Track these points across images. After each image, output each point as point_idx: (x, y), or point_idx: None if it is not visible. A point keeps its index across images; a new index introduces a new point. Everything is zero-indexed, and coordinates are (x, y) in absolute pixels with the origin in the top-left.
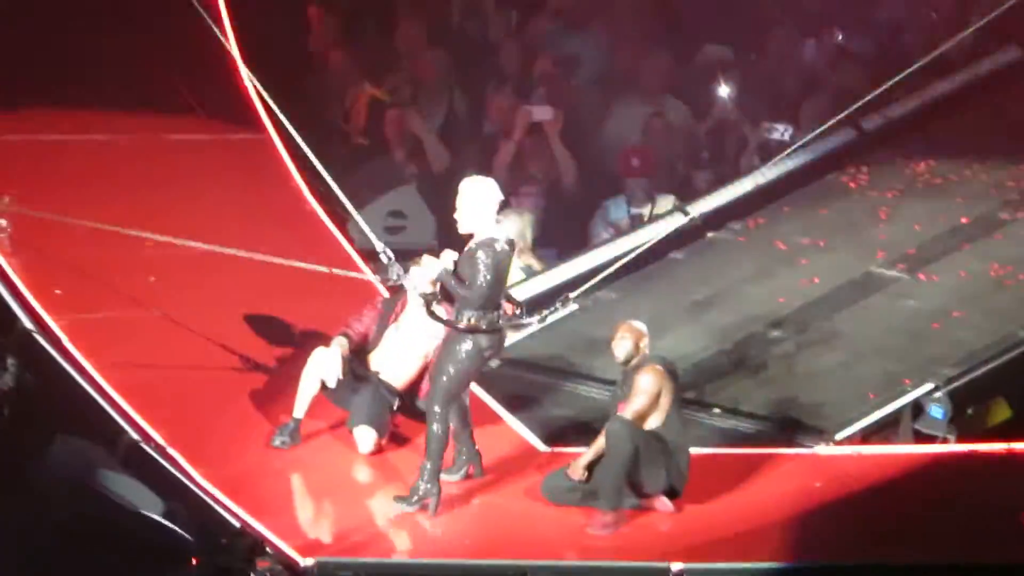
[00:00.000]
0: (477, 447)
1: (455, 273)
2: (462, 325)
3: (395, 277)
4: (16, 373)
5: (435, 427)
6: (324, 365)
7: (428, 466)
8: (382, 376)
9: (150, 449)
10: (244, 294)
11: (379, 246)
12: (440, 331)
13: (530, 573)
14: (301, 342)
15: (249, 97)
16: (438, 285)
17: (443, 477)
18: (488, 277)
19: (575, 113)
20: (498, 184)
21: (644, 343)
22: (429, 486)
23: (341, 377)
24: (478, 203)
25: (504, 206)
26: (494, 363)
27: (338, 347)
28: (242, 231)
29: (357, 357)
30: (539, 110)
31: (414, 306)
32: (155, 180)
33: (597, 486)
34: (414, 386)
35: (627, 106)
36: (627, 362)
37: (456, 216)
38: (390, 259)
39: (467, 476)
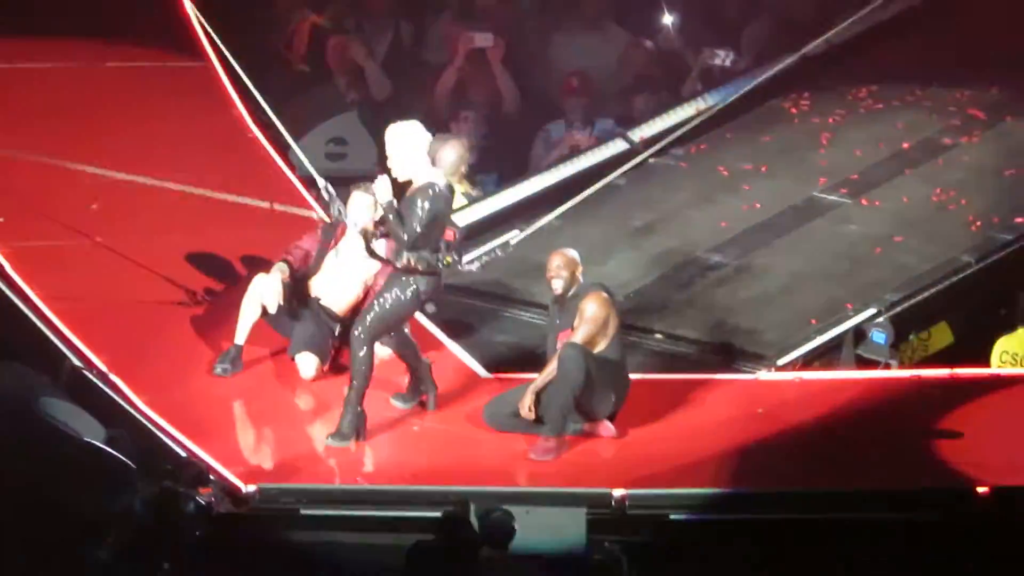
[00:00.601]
0: (434, 380)
1: (396, 214)
2: (399, 264)
3: (336, 213)
4: None
5: (360, 355)
6: (265, 291)
7: (352, 395)
8: (323, 302)
9: (92, 375)
10: (185, 221)
11: (320, 182)
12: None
13: (472, 499)
14: (242, 269)
15: (191, 23)
16: (377, 221)
17: (395, 404)
18: (424, 222)
19: (517, 40)
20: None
21: (579, 272)
22: (355, 412)
23: (282, 303)
24: (408, 147)
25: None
26: (430, 307)
27: (278, 273)
28: (184, 158)
29: (297, 283)
30: (480, 36)
31: (353, 234)
32: (96, 107)
33: (543, 411)
34: (355, 312)
35: (568, 32)
36: (564, 293)
37: (390, 164)
38: (331, 194)
39: (419, 404)
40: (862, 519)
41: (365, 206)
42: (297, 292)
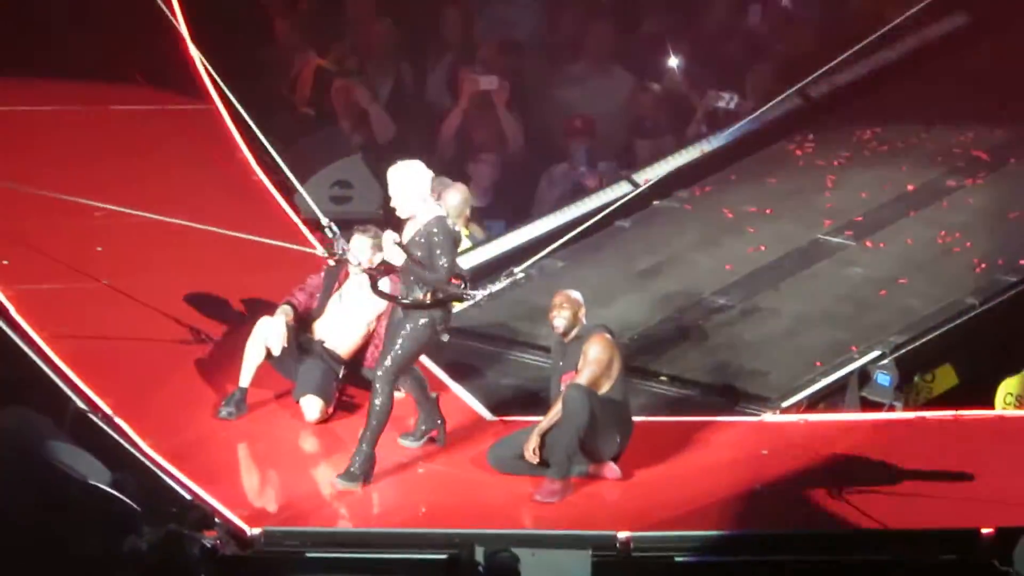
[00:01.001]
0: (442, 414)
1: (413, 256)
2: (407, 301)
3: (339, 252)
4: None
5: (379, 398)
6: (269, 334)
7: (367, 434)
8: (327, 345)
9: (97, 419)
10: (190, 265)
11: (324, 220)
12: (383, 301)
13: (477, 542)
14: (246, 312)
15: (195, 67)
16: (380, 262)
17: (404, 443)
18: (448, 251)
19: (521, 82)
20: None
21: (582, 313)
22: (367, 454)
23: (286, 346)
24: (412, 186)
25: (447, 176)
26: (445, 338)
27: (282, 315)
28: (189, 202)
29: (301, 326)
30: (485, 79)
31: (356, 276)
32: (101, 151)
33: (548, 453)
34: (359, 354)
35: (573, 75)
36: (566, 333)
37: (393, 203)
38: (335, 234)
39: (430, 441)
40: (867, 561)
41: (367, 248)
42: (301, 335)
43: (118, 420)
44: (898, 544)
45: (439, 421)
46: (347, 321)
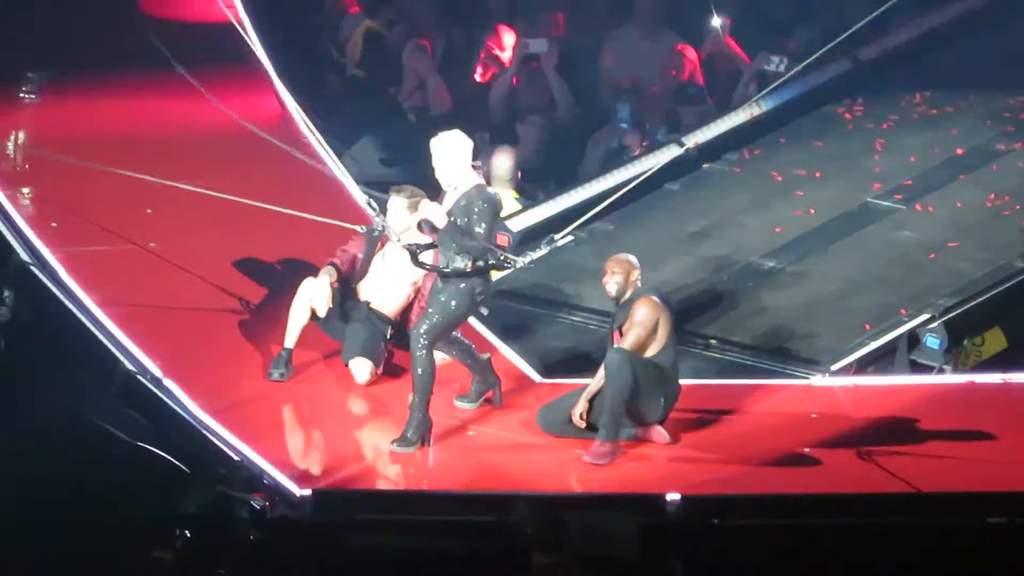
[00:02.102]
0: (496, 374)
1: (454, 223)
2: (456, 269)
3: (379, 229)
4: (13, 306)
5: (419, 366)
6: (314, 294)
7: (416, 400)
8: (373, 306)
9: (147, 381)
10: (236, 226)
11: (364, 198)
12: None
13: (526, 503)
14: (291, 273)
15: (245, 29)
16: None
17: (461, 405)
18: (488, 222)
19: (569, 45)
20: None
21: (635, 276)
22: (420, 419)
23: (331, 306)
24: (455, 155)
25: (497, 141)
26: (485, 310)
27: (326, 276)
28: (237, 164)
29: (346, 287)
30: (535, 42)
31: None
32: (153, 116)
33: (595, 417)
34: (404, 313)
35: (621, 37)
36: (619, 297)
37: (436, 172)
38: (375, 211)
39: (486, 402)
40: (915, 524)
41: (403, 208)
42: (346, 296)
43: (167, 382)
44: (945, 507)
45: (494, 381)
46: (391, 281)
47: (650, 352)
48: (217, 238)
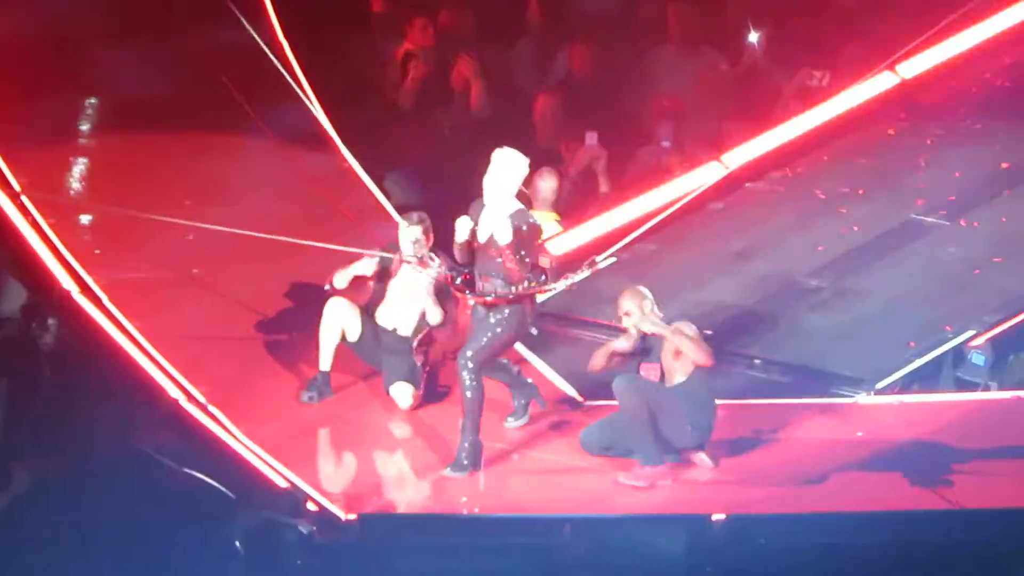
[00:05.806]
0: (530, 380)
1: (506, 246)
2: (490, 298)
3: (436, 272)
4: (57, 333)
5: (468, 391)
6: (341, 315)
7: (467, 424)
8: (399, 332)
9: (191, 407)
10: (274, 251)
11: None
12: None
13: (570, 526)
14: (319, 296)
15: (285, 57)
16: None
17: (513, 424)
18: (529, 246)
19: (608, 62)
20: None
21: (646, 305)
22: (472, 442)
23: (361, 329)
24: (512, 174)
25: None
26: (533, 331)
27: (349, 304)
28: (279, 189)
29: (368, 312)
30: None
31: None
32: (196, 145)
33: (629, 446)
34: (420, 330)
35: (661, 55)
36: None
37: (489, 185)
38: (434, 260)
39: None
40: (962, 540)
41: (412, 237)
42: (372, 318)
43: (212, 408)
44: (993, 524)
45: (532, 388)
46: (408, 299)
47: (676, 380)
48: (255, 262)
